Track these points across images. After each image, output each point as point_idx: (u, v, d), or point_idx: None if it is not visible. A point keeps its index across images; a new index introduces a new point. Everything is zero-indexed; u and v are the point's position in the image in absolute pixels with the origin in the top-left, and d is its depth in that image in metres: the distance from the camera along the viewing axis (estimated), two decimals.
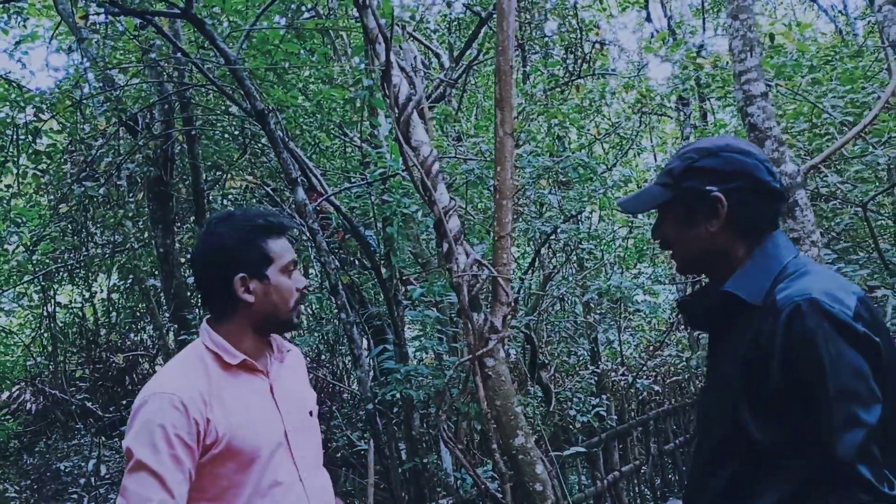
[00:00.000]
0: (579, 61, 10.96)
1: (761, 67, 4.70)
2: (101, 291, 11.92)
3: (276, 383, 2.12)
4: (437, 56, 10.26)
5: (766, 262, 1.83)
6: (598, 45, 10.94)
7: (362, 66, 7.03)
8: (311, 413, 2.20)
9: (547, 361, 9.36)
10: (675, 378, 13.48)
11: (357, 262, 8.43)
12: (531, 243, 9.13)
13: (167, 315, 8.87)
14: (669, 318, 14.74)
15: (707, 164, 1.88)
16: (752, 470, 1.73)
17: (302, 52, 7.16)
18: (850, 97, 6.41)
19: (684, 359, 13.03)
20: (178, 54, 7.00)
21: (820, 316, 1.63)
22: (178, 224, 9.08)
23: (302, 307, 2.16)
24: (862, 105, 6.48)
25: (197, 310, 8.60)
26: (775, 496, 1.68)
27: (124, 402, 10.02)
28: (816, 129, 7.06)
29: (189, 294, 8.23)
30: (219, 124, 8.83)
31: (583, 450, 7.00)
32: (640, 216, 10.79)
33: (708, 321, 2.00)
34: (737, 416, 1.75)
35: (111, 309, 11.71)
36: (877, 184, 6.14)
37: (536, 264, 8.90)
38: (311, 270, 12.68)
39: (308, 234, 6.01)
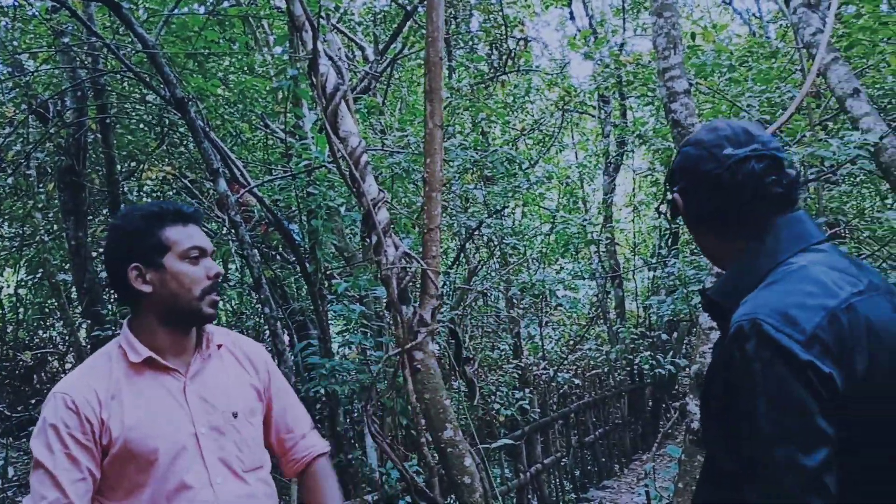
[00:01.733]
0: (504, 57, 11.04)
1: (684, 65, 4.80)
2: (8, 287, 11.43)
3: (194, 381, 2.03)
4: (362, 49, 10.16)
5: (752, 261, 1.65)
6: (522, 42, 11.04)
7: (286, 56, 6.89)
8: (234, 414, 2.06)
9: (471, 356, 9.39)
10: (594, 371, 13.76)
11: (280, 256, 8.28)
12: (456, 238, 9.14)
13: (79, 311, 8.53)
14: (589, 313, 15.04)
15: (674, 165, 1.80)
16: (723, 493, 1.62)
17: (223, 40, 6.97)
18: (765, 96, 6.64)
19: (604, 352, 13.31)
20: (93, 39, 6.71)
21: (761, 342, 1.44)
22: (91, 216, 8.73)
23: (215, 297, 2.04)
24: (777, 104, 6.71)
25: (110, 305, 8.30)
26: None
27: (32, 401, 9.60)
28: None
29: (103, 289, 7.92)
30: (135, 113, 8.53)
31: (509, 441, 7.04)
32: (563, 213, 10.94)
33: (712, 315, 1.82)
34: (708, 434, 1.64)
35: (19, 305, 11.21)
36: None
37: (461, 259, 8.91)
38: (231, 265, 12.42)
39: (229, 227, 5.86)
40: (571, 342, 13.38)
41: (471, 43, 11.63)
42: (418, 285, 4.42)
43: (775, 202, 1.65)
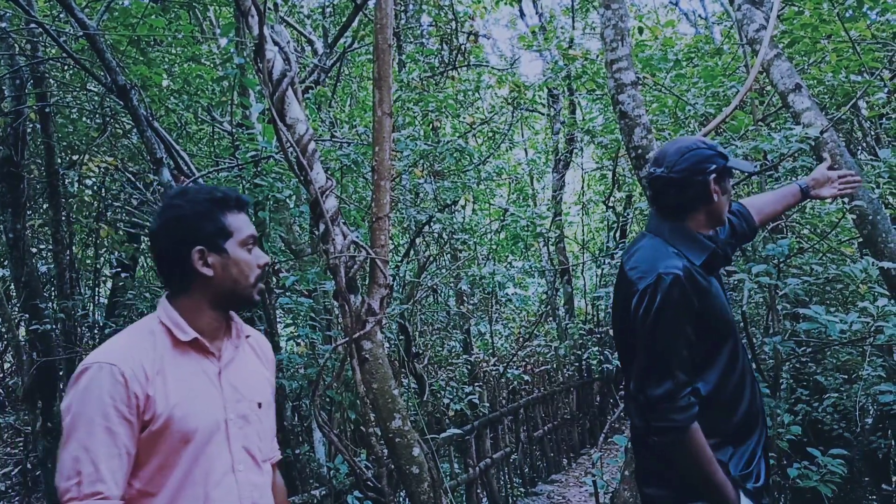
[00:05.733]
0: (454, 52, 11.03)
1: (632, 57, 4.84)
2: None
3: (227, 368, 2.03)
4: (311, 43, 10.05)
5: None
6: (472, 37, 11.05)
7: (232, 46, 6.77)
8: (259, 404, 2.09)
9: (421, 352, 9.38)
10: (543, 367, 13.86)
11: None
12: (406, 233, 9.11)
13: (17, 306, 8.28)
14: (538, 310, 15.16)
15: None
16: None
17: (167, 29, 6.82)
18: (710, 92, 6.75)
19: (553, 349, 13.42)
20: (32, 25, 6.51)
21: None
22: (30, 208, 8.47)
23: (262, 284, 2.06)
24: (722, 99, 6.83)
25: (50, 302, 8.07)
26: None
27: None
28: (679, 122, 7.39)
29: (42, 283, 7.70)
30: (76, 102, 8.30)
31: (458, 431, 7.03)
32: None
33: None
34: None
35: None
36: (737, 176, 6.47)
37: (411, 254, 8.88)
38: None
39: None
40: (521, 338, 13.45)
41: (421, 38, 11.60)
42: (367, 275, 4.38)
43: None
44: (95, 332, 9.76)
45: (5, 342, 10.33)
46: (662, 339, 2.22)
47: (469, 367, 10.59)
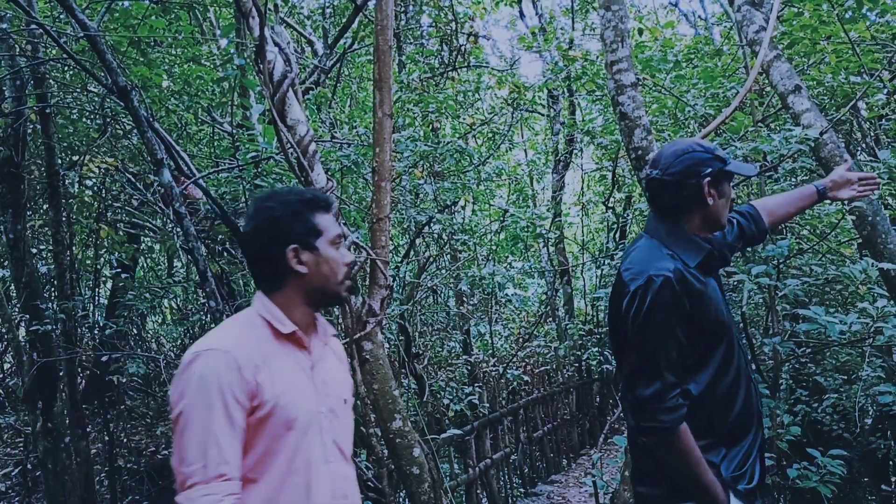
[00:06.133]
0: (454, 53, 11.04)
1: (632, 58, 4.85)
2: None
3: (318, 364, 2.12)
4: (311, 44, 10.05)
5: None
6: (472, 38, 11.05)
7: (232, 47, 6.77)
8: (345, 401, 2.20)
9: (420, 352, 9.38)
10: (543, 368, 13.86)
11: (226, 251, 8.14)
12: (406, 233, 9.11)
13: (17, 306, 8.28)
14: (538, 311, 15.16)
15: None
16: None
17: (168, 30, 6.83)
18: (710, 92, 6.76)
19: (552, 349, 13.42)
20: (33, 25, 6.51)
21: None
22: (31, 209, 8.48)
23: (349, 282, 2.18)
24: (722, 100, 6.84)
25: (50, 303, 8.07)
26: None
27: None
28: (679, 123, 7.41)
29: (42, 284, 7.70)
30: (76, 103, 8.30)
31: (458, 432, 7.03)
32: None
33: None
34: None
35: None
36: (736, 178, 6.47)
37: (411, 255, 8.88)
38: (176, 262, 12.21)
39: (174, 220, 5.74)
40: (521, 339, 13.45)
41: (421, 39, 11.61)
42: (367, 276, 4.39)
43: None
44: (96, 332, 9.76)
45: (5, 343, 10.33)
46: (652, 340, 2.24)
47: (469, 367, 10.59)
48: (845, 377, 7.41)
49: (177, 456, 1.84)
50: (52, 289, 8.87)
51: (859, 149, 8.35)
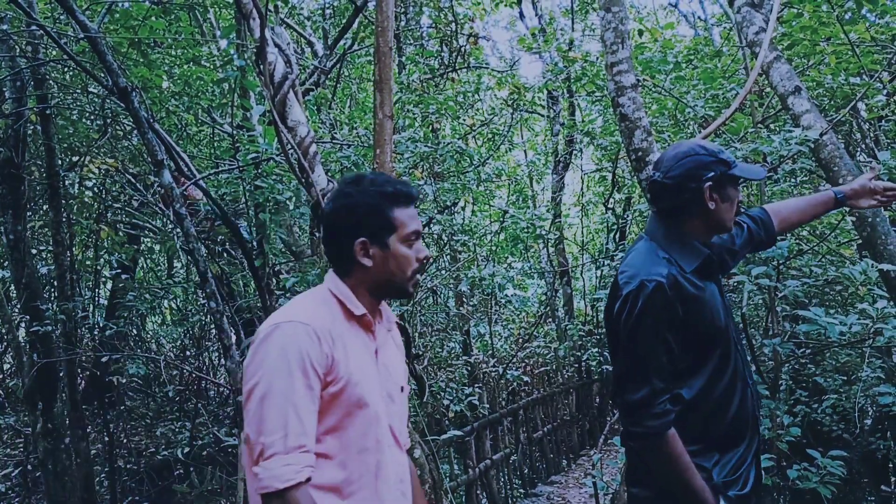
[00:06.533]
0: (454, 54, 11.04)
1: (632, 59, 4.85)
2: None
3: (381, 348, 2.10)
4: (311, 45, 10.06)
5: None
6: (472, 39, 11.06)
7: (232, 48, 6.78)
8: (402, 388, 2.17)
9: (420, 353, 9.38)
10: (543, 368, 13.87)
11: (226, 252, 8.14)
12: None
13: (17, 307, 8.29)
14: (538, 312, 15.17)
15: None
16: None
17: (168, 31, 6.83)
18: (710, 93, 6.77)
19: (552, 350, 13.43)
20: (33, 27, 6.51)
21: None
22: (31, 210, 8.48)
23: (419, 277, 2.14)
24: (722, 101, 6.85)
25: (50, 304, 8.07)
26: None
27: None
28: (679, 124, 7.41)
29: (42, 285, 7.70)
30: (77, 104, 8.31)
31: (458, 433, 7.03)
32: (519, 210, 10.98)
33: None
34: None
35: None
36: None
37: None
38: (176, 262, 12.20)
39: (174, 221, 5.74)
40: (520, 340, 13.46)
41: (420, 39, 11.62)
42: None
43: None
44: (96, 333, 9.77)
45: (6, 343, 10.33)
46: (641, 345, 2.22)
47: (469, 368, 10.59)
48: (845, 378, 7.41)
49: (253, 426, 1.80)
50: (53, 290, 8.88)
51: (859, 150, 8.37)
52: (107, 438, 9.32)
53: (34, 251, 7.97)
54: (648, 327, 2.21)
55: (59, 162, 7.90)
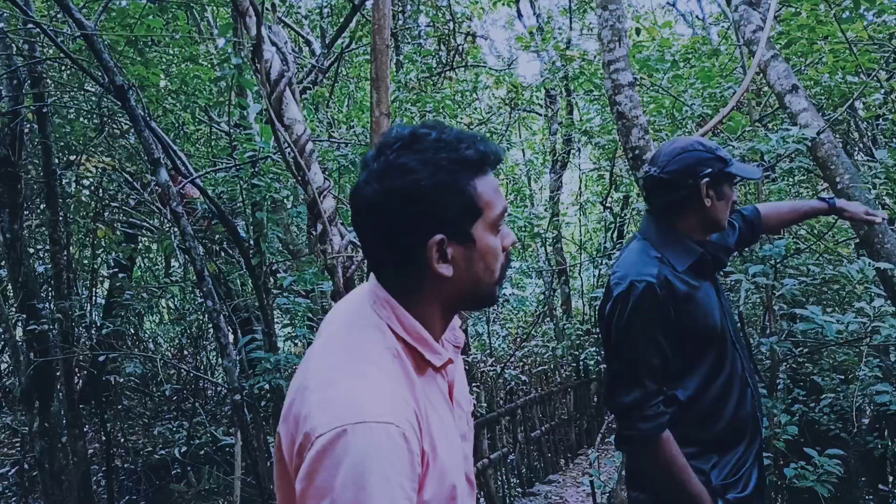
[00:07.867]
0: (452, 53, 11.05)
1: (629, 58, 4.84)
2: None
3: (455, 383, 1.48)
4: (309, 43, 10.06)
5: None
6: (470, 37, 11.06)
7: (229, 47, 6.77)
8: (473, 416, 1.63)
9: None
10: (541, 368, 13.88)
11: (224, 251, 8.14)
12: None
13: (14, 306, 8.27)
14: (536, 311, 15.18)
15: None
16: None
17: (165, 30, 6.82)
18: (707, 92, 6.77)
19: (550, 349, 13.43)
20: (30, 25, 6.50)
21: None
22: (28, 209, 8.46)
23: (505, 274, 1.45)
24: (719, 100, 6.85)
25: (47, 303, 8.06)
26: None
27: None
28: (677, 122, 7.42)
29: (39, 283, 7.69)
30: (73, 102, 8.30)
31: None
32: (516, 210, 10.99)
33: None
34: None
35: None
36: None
37: None
38: (173, 261, 12.19)
39: (171, 219, 5.74)
40: (518, 339, 13.46)
41: (418, 38, 11.62)
42: (365, 275, 4.38)
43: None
44: (93, 332, 9.76)
45: (2, 342, 10.32)
46: (632, 347, 2.18)
47: (466, 367, 10.59)
48: (842, 377, 7.41)
49: None
50: (49, 288, 8.87)
51: (856, 148, 8.37)
52: (104, 437, 9.31)
53: (31, 250, 7.96)
54: (639, 328, 2.17)
55: (56, 160, 7.89)
